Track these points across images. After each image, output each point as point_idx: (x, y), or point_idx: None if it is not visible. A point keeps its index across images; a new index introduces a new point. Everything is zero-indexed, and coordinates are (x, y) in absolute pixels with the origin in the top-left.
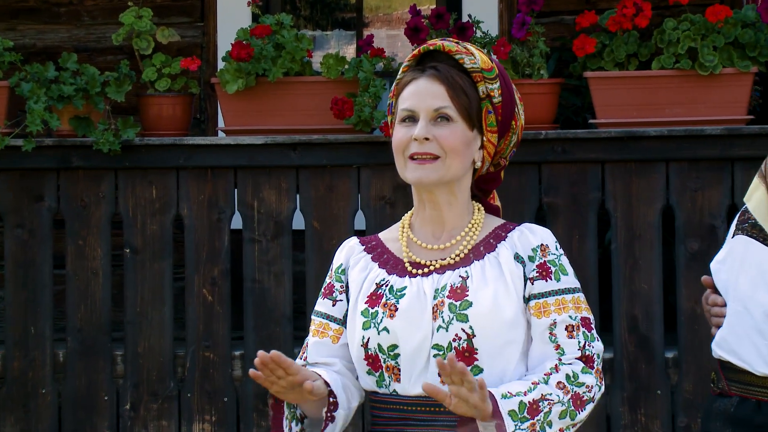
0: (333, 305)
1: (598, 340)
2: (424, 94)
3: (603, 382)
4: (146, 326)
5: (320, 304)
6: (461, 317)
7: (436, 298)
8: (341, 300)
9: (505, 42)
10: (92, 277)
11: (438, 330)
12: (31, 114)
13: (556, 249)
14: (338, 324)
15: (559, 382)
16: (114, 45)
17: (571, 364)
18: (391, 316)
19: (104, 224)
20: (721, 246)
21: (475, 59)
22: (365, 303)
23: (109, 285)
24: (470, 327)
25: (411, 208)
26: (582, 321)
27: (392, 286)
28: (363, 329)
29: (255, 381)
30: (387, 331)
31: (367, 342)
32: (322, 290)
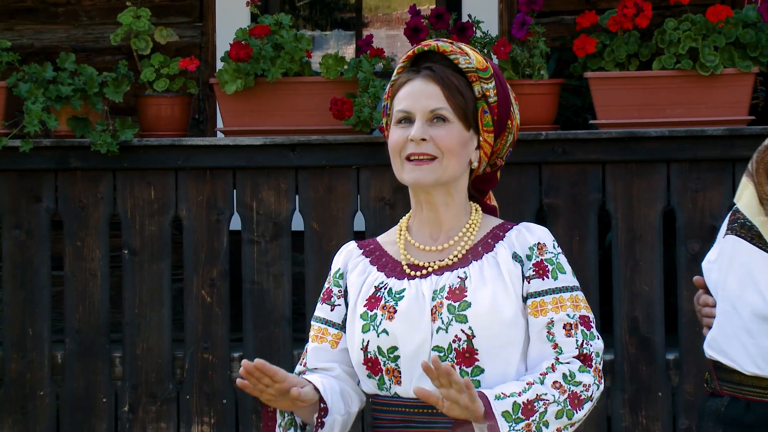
0: (331, 310)
1: (599, 339)
2: (420, 95)
3: (602, 381)
4: (145, 328)
5: (319, 309)
6: (460, 318)
7: (435, 300)
8: (339, 305)
9: (505, 42)
10: (90, 279)
11: (438, 331)
12: (29, 114)
13: (554, 247)
14: (337, 329)
15: (555, 382)
16: (112, 45)
17: (569, 363)
18: (390, 318)
19: (102, 225)
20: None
21: (470, 59)
22: (364, 306)
23: (108, 286)
24: (469, 328)
25: (410, 210)
26: (580, 319)
27: (391, 289)
28: (362, 332)
29: (243, 389)
30: (386, 333)
31: (367, 345)
32: (321, 295)
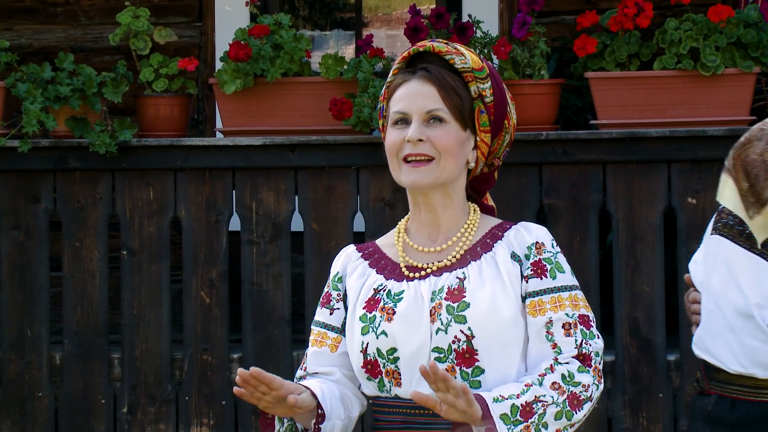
0: (330, 314)
1: (599, 338)
2: (416, 96)
3: (602, 381)
4: (143, 329)
5: (318, 314)
6: (459, 319)
7: (434, 301)
8: (338, 308)
9: (506, 42)
10: (89, 279)
11: (437, 332)
12: (27, 115)
13: (552, 247)
14: (336, 332)
15: (554, 383)
16: (111, 45)
17: (568, 364)
18: (389, 320)
19: (101, 226)
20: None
21: (466, 59)
22: (363, 308)
23: (106, 287)
24: (469, 328)
25: (409, 211)
26: (580, 318)
27: (390, 291)
28: (362, 334)
29: (240, 397)
30: (385, 335)
31: (366, 347)
32: (320, 299)
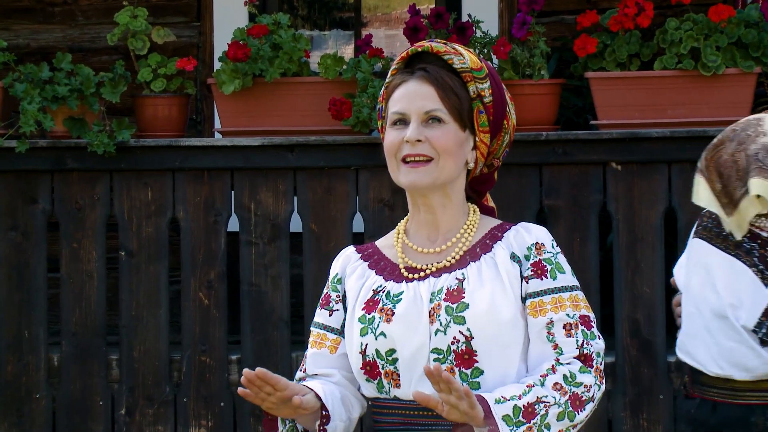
0: (330, 315)
1: (600, 338)
2: (414, 97)
3: (603, 382)
4: (142, 330)
5: (318, 315)
6: (458, 320)
7: (433, 302)
8: (338, 310)
9: (506, 42)
10: (87, 280)
11: (436, 333)
12: (25, 115)
13: (552, 247)
14: (335, 334)
15: (556, 383)
16: (109, 45)
17: (569, 364)
18: (388, 321)
19: (99, 227)
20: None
21: (464, 59)
22: (362, 309)
23: (104, 288)
24: (468, 329)
25: (409, 212)
26: (581, 319)
27: (389, 292)
28: (360, 336)
29: (244, 398)
30: (384, 336)
31: (365, 348)
32: (320, 301)
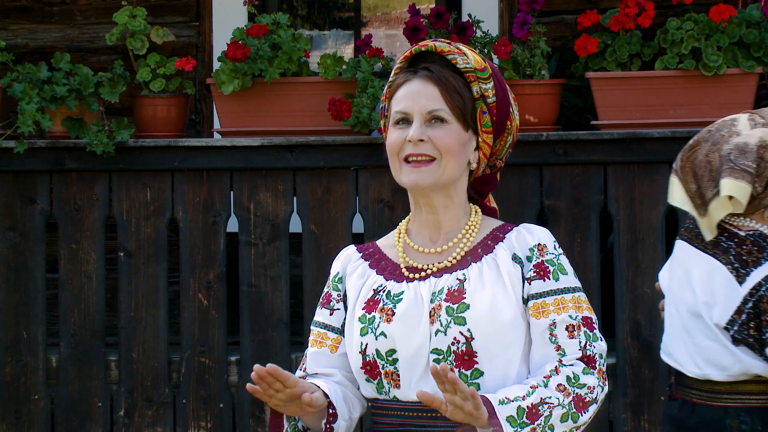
0: (330, 314)
1: (601, 340)
2: (418, 96)
3: (606, 383)
4: (140, 331)
5: (318, 314)
6: (459, 320)
7: (433, 302)
8: (338, 309)
9: (506, 42)
10: (86, 281)
11: (436, 334)
12: (23, 115)
13: (555, 248)
14: (336, 333)
15: (560, 385)
16: (108, 45)
17: (572, 366)
18: (389, 321)
19: (98, 227)
20: None
21: (468, 59)
22: (362, 309)
23: (103, 289)
24: (468, 330)
25: (410, 212)
26: (583, 320)
27: (389, 292)
28: (360, 335)
29: (253, 394)
30: (384, 336)
31: (365, 348)
32: (320, 300)
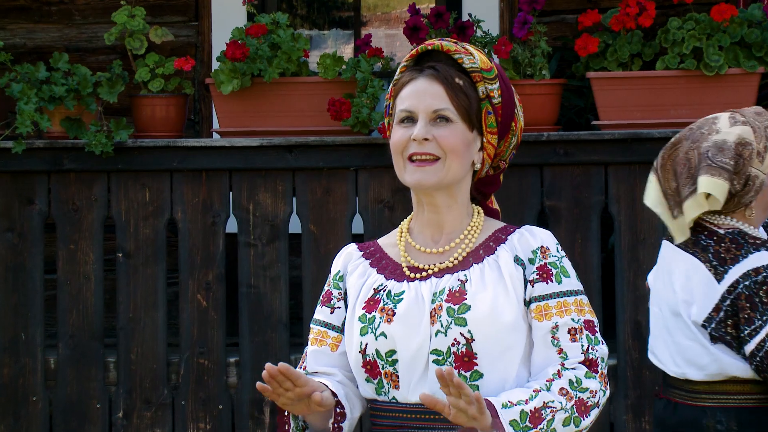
0: (331, 313)
1: (603, 344)
2: (423, 95)
3: (608, 387)
4: (139, 332)
5: (318, 312)
6: (460, 321)
7: (434, 302)
8: (339, 307)
9: (506, 41)
10: (84, 282)
11: (436, 335)
12: (22, 115)
13: (557, 251)
14: (337, 332)
15: (562, 389)
16: (106, 45)
17: (575, 369)
18: (389, 321)
19: (96, 228)
20: None
21: (475, 59)
22: (362, 308)
23: (102, 290)
24: (469, 331)
25: (410, 212)
26: (585, 324)
27: (390, 291)
28: (360, 335)
29: (262, 393)
30: (384, 337)
31: (365, 348)
32: (321, 298)
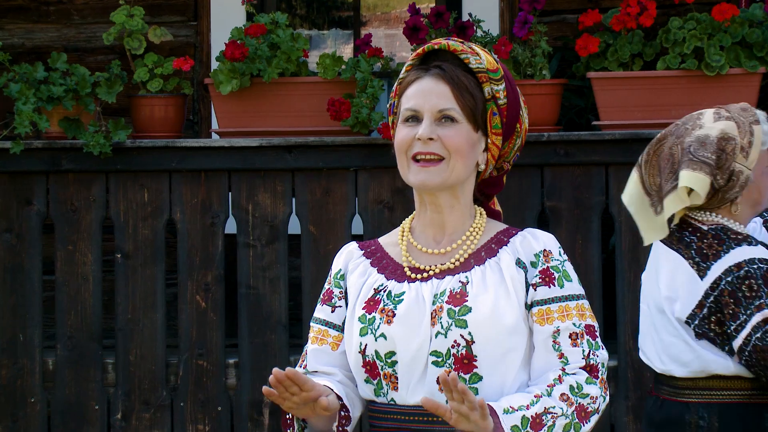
0: (332, 311)
1: (603, 349)
2: (429, 94)
3: (608, 393)
4: (138, 333)
5: (319, 311)
6: (460, 323)
7: (435, 304)
8: (340, 306)
9: (507, 41)
10: (82, 283)
11: (436, 336)
12: (20, 115)
13: (560, 254)
14: (337, 331)
15: (563, 394)
16: (105, 45)
17: (575, 375)
18: (389, 322)
19: (95, 229)
20: None
21: (481, 59)
22: (362, 309)
23: (100, 291)
24: (469, 333)
25: (410, 213)
26: (586, 329)
27: (390, 292)
28: (360, 336)
29: (268, 396)
30: (384, 338)
31: (365, 349)
32: (321, 296)
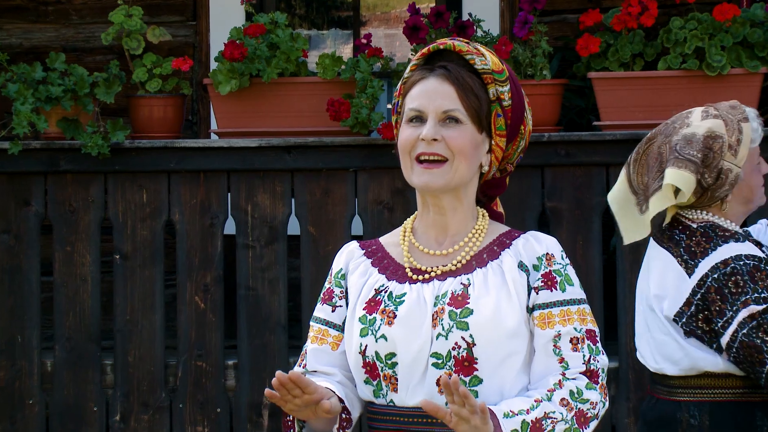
0: (332, 311)
1: (603, 354)
2: (433, 95)
3: (607, 398)
4: (137, 335)
5: (319, 310)
6: (461, 325)
7: (437, 305)
8: (341, 306)
9: (507, 41)
10: (81, 284)
11: (437, 338)
12: (18, 116)
13: (562, 258)
14: (338, 330)
15: (563, 399)
16: (103, 45)
17: (576, 380)
18: (390, 323)
19: (93, 230)
20: None
21: (486, 60)
22: (363, 309)
23: (99, 292)
24: (470, 335)
25: (410, 213)
26: (587, 333)
27: (391, 293)
28: (360, 336)
29: (270, 399)
30: (385, 339)
31: (365, 349)
32: (321, 295)
